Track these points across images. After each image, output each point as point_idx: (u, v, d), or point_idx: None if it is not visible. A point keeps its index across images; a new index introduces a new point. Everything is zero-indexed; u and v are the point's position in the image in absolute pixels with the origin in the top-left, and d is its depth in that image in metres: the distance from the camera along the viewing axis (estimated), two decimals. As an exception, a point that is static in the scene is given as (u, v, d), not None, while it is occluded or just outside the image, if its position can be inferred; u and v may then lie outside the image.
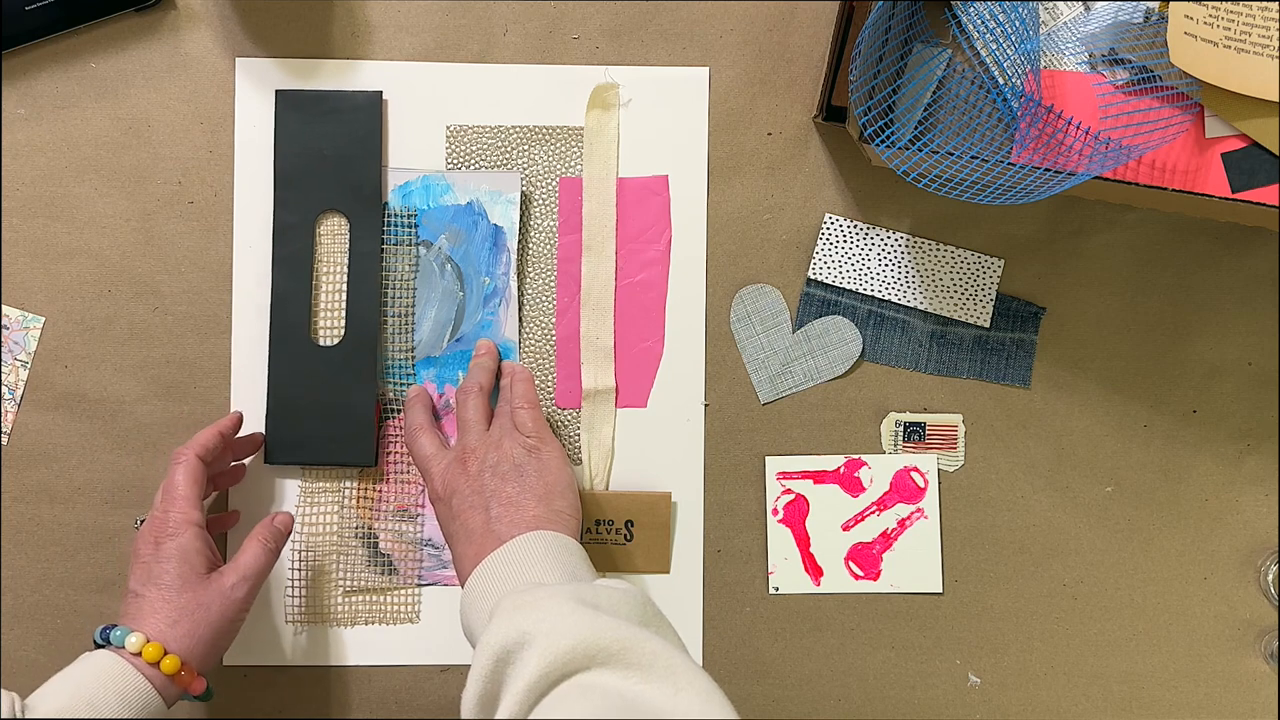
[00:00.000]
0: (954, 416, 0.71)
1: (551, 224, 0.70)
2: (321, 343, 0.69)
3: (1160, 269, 0.71)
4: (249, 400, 0.69)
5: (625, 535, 0.70)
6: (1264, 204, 0.60)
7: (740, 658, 0.70)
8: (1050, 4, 0.62)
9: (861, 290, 0.70)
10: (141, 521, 0.65)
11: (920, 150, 0.61)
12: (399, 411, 0.69)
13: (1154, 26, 0.60)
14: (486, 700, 0.50)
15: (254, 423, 0.69)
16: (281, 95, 0.68)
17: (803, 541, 0.70)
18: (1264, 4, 0.57)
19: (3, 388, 0.68)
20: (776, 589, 0.70)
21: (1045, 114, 0.61)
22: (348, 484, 0.69)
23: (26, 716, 0.53)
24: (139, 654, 0.57)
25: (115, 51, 0.68)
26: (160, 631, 0.58)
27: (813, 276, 0.70)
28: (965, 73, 0.62)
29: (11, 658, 0.69)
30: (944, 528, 0.71)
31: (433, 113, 0.69)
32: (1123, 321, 0.71)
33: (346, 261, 0.69)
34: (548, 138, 0.70)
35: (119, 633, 0.58)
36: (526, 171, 0.70)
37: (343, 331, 0.69)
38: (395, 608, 0.69)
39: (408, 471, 0.69)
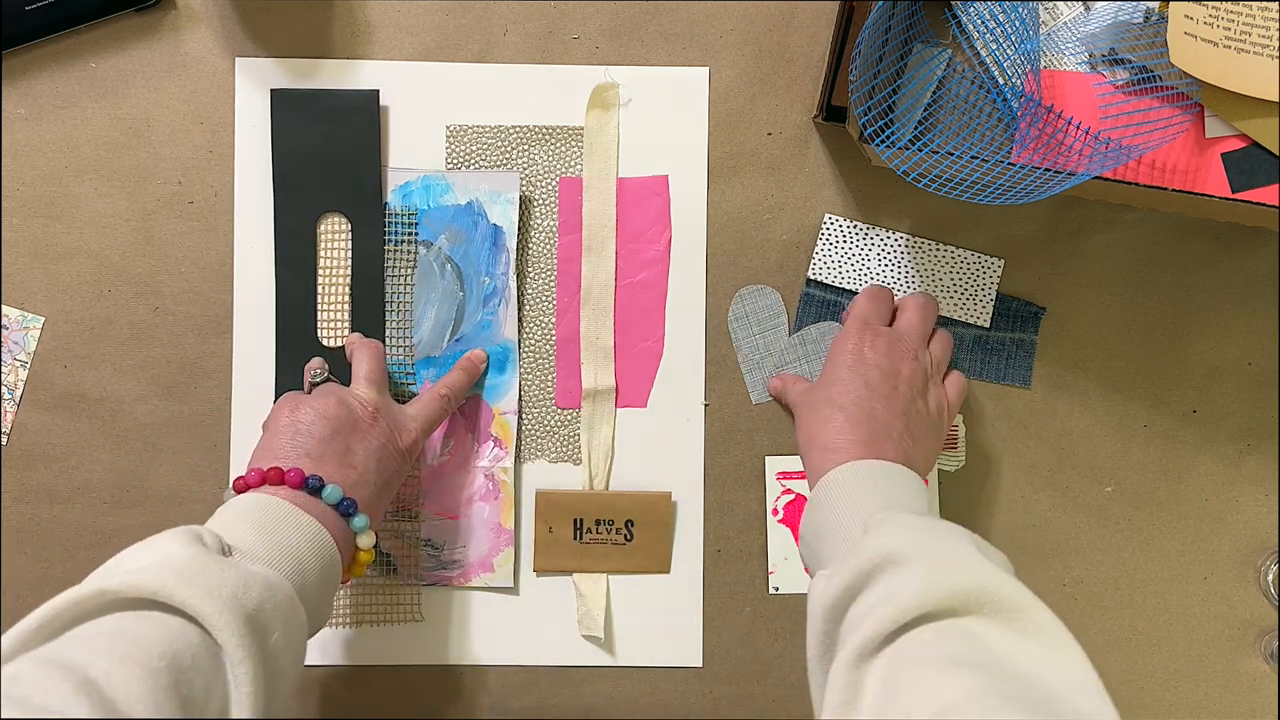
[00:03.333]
0: (954, 416, 0.71)
1: (551, 224, 0.70)
2: (327, 343, 0.69)
3: (1160, 269, 0.71)
4: (250, 400, 0.69)
5: (625, 535, 0.70)
6: (1264, 204, 0.60)
7: (740, 658, 0.70)
8: (1050, 4, 0.62)
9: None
10: (324, 376, 0.64)
11: (920, 150, 0.61)
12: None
13: (1154, 26, 0.60)
14: (845, 597, 0.48)
15: (259, 424, 0.69)
16: (276, 94, 0.68)
17: (803, 541, 0.70)
18: (1264, 4, 0.57)
19: (2, 388, 0.68)
20: (776, 589, 0.70)
21: (1045, 114, 0.61)
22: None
23: (237, 557, 0.50)
24: (353, 541, 0.57)
25: (115, 51, 0.68)
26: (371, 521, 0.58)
27: (813, 276, 0.70)
28: (965, 73, 0.62)
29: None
30: (944, 528, 0.71)
31: (432, 113, 0.69)
32: (1123, 321, 0.71)
33: (349, 262, 0.69)
34: (548, 138, 0.70)
35: (360, 521, 0.57)
36: (526, 171, 0.70)
37: (348, 332, 0.69)
38: (396, 607, 0.69)
39: (408, 471, 0.69)
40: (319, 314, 0.69)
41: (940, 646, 0.43)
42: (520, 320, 0.70)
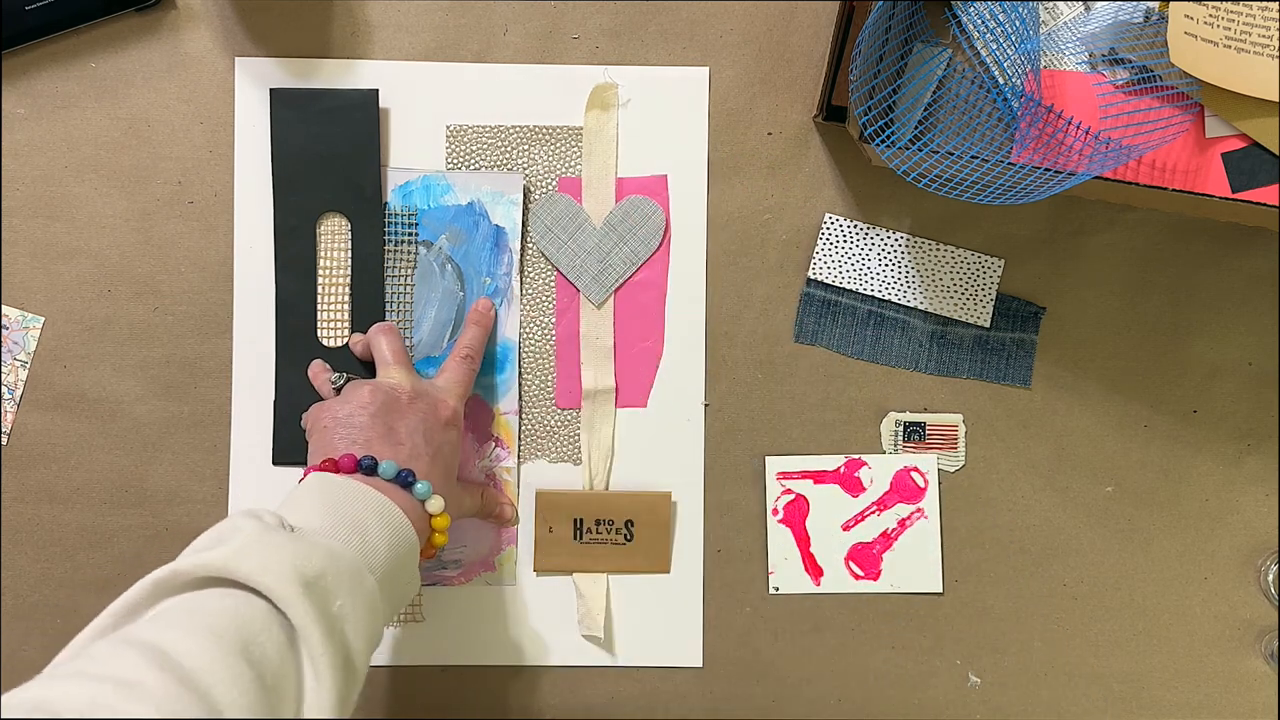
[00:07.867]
0: (954, 416, 0.71)
1: (551, 224, 0.70)
2: (327, 343, 0.69)
3: (1160, 269, 0.71)
4: (250, 400, 0.69)
5: (625, 535, 0.70)
6: (1264, 204, 0.60)
7: (740, 658, 0.70)
8: (1050, 4, 0.62)
9: (861, 290, 0.70)
10: (346, 378, 0.65)
11: (920, 150, 0.61)
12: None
13: (1154, 26, 0.60)
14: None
15: (260, 424, 0.69)
16: (276, 93, 0.68)
17: (803, 541, 0.70)
18: (1264, 4, 0.57)
19: (2, 388, 0.68)
20: (776, 589, 0.70)
21: (1045, 114, 0.61)
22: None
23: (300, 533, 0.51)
24: (423, 511, 0.58)
25: (115, 51, 0.68)
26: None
27: (813, 276, 0.70)
28: (965, 72, 0.62)
29: (12, 658, 0.69)
30: (944, 528, 0.71)
31: (433, 113, 0.69)
32: (1123, 321, 0.71)
33: (349, 262, 0.69)
34: (548, 138, 0.70)
35: (422, 487, 0.58)
36: (526, 171, 0.70)
37: (348, 332, 0.69)
38: (395, 608, 0.69)
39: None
40: (319, 314, 0.69)
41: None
42: (520, 320, 0.70)
